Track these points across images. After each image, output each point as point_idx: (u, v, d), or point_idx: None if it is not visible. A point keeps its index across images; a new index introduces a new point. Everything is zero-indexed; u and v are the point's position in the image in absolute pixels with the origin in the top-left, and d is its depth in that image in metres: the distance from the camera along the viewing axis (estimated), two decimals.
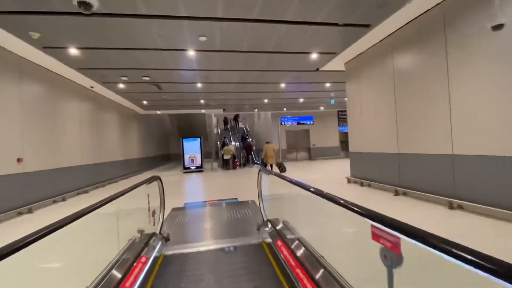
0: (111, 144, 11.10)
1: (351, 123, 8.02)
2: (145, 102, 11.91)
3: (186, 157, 13.80)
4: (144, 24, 4.77)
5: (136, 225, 3.27)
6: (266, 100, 12.71)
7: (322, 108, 16.62)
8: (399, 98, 5.81)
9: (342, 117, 19.02)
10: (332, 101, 13.36)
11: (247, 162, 16.35)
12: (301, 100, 13.06)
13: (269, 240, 3.31)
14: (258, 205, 4.15)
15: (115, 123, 11.77)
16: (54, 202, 7.09)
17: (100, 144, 10.09)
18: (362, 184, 7.13)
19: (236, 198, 6.21)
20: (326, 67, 8.05)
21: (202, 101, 12.27)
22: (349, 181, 7.78)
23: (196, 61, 6.88)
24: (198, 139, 13.88)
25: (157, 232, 3.50)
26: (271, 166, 12.57)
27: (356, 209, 1.43)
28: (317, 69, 8.18)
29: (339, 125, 18.98)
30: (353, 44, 6.43)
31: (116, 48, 5.86)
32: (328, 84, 10.31)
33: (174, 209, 5.37)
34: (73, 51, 5.80)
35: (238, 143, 19.65)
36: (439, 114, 4.76)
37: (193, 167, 13.80)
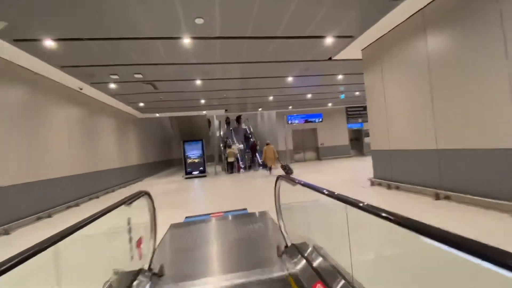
0: (106, 151, 10.27)
1: (373, 118, 7.09)
2: (141, 104, 11.07)
3: (188, 161, 12.93)
4: (124, 2, 3.90)
5: (115, 260, 2.38)
6: (271, 98, 11.82)
7: (330, 104, 15.68)
8: (437, 86, 4.87)
9: (351, 114, 18.10)
10: (343, 96, 12.43)
11: (252, 164, 15.45)
12: (309, 96, 12.15)
13: (296, 273, 2.41)
14: (278, 223, 3.24)
15: (110, 128, 10.95)
16: (39, 219, 6.24)
17: (93, 152, 9.25)
18: (389, 187, 6.18)
19: (246, 209, 5.30)
20: (340, 56, 7.13)
21: (202, 101, 11.41)
22: (372, 183, 6.84)
23: (193, 52, 6.01)
24: (200, 142, 13.01)
25: (146, 267, 2.60)
26: (270, 168, 11.66)
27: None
28: (330, 58, 7.27)
29: (348, 122, 18.05)
30: (373, 26, 5.53)
31: (98, 39, 5.00)
32: (340, 76, 9.38)
33: (172, 226, 4.47)
34: (49, 43, 4.96)
35: (241, 145, 18.77)
36: (500, 100, 3.82)
37: (195, 172, 12.92)
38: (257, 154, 19.39)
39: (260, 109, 15.23)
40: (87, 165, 8.78)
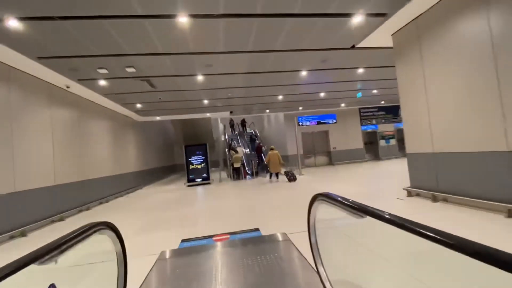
0: (99, 158, 9.30)
1: (409, 115, 5.95)
2: (139, 105, 10.13)
3: (190, 167, 11.89)
4: None
5: None
6: (280, 97, 10.76)
7: (343, 105, 14.54)
8: (506, 72, 3.73)
9: (365, 115, 16.91)
10: (359, 95, 11.30)
11: (259, 170, 14.31)
12: (322, 95, 11.05)
13: None
14: (315, 267, 2.12)
15: (104, 133, 10.01)
16: (12, 237, 5.24)
17: (83, 159, 8.29)
18: (434, 199, 4.99)
19: (258, 230, 4.18)
20: (364, 43, 6.05)
21: (205, 101, 10.42)
22: (409, 193, 5.65)
23: (192, 37, 5.01)
24: (203, 146, 11.99)
25: None
26: (277, 175, 10.98)
27: None
28: (353, 46, 6.19)
29: (361, 124, 16.84)
30: (409, 3, 4.46)
31: (74, 17, 4.03)
32: (360, 70, 8.26)
33: (162, 256, 3.37)
34: (13, 24, 4.00)
35: (247, 150, 17.70)
36: None
37: (198, 179, 11.87)
38: (263, 156, 18.28)
39: (267, 111, 14.18)
40: (76, 174, 7.80)
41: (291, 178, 10.10)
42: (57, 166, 6.99)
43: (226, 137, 20.85)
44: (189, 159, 11.87)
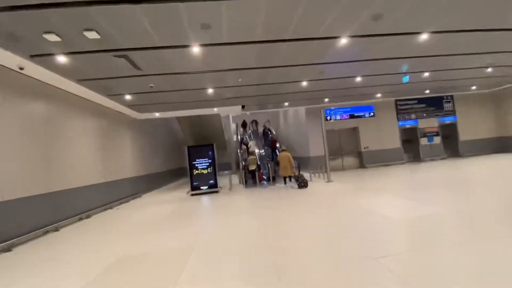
0: (79, 163, 7.47)
1: None
2: (128, 97, 8.23)
3: (195, 172, 9.87)
4: None
5: None
6: (304, 83, 8.47)
7: (379, 95, 11.97)
8: None
9: (402, 109, 14.19)
10: (406, 79, 8.77)
11: (276, 175, 12.05)
12: (358, 79, 8.63)
13: None
14: None
15: (89, 132, 8.20)
16: None
17: (52, 164, 6.44)
18: None
19: None
20: None
21: (210, 91, 8.33)
22: None
23: None
24: (210, 147, 9.94)
25: None
26: (288, 178, 9.90)
27: None
28: None
29: (398, 119, 14.16)
30: None
31: None
32: (424, 36, 5.78)
33: None
34: None
35: (262, 150, 15.50)
36: None
37: (204, 187, 9.81)
38: (277, 151, 15.86)
39: (286, 104, 11.91)
40: (40, 184, 5.96)
41: (302, 184, 8.73)
42: (14, 176, 5.15)
43: (238, 137, 18.80)
44: (193, 163, 9.85)
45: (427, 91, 12.48)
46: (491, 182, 7.22)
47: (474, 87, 12.83)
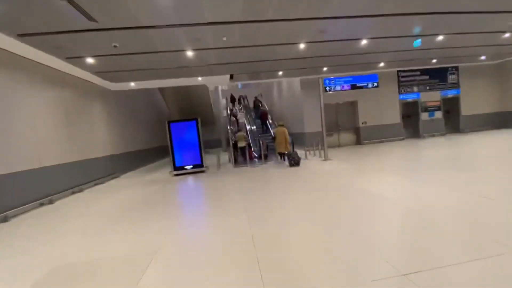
0: (37, 140, 6.28)
1: None
2: (90, 60, 6.86)
3: (177, 150, 8.83)
4: None
5: None
6: (301, 46, 7.22)
7: (382, 64, 10.82)
8: None
9: (404, 81, 13.16)
10: (417, 42, 7.62)
11: (269, 152, 11.19)
12: (364, 42, 7.43)
13: None
14: None
15: (49, 104, 6.90)
16: None
17: (4, 144, 5.27)
18: None
19: None
20: None
21: (189, 54, 7.02)
22: None
23: None
24: (194, 122, 8.81)
25: None
26: (283, 155, 9.16)
27: None
28: None
29: (399, 92, 13.19)
30: None
31: None
32: None
33: None
34: None
35: (253, 127, 14.47)
36: None
37: (188, 166, 8.85)
38: (268, 125, 15.23)
39: (280, 74, 10.67)
40: None
41: (293, 162, 8.15)
42: None
43: (228, 111, 17.58)
44: (176, 139, 8.77)
45: (434, 60, 11.39)
46: (499, 158, 6.50)
47: (483, 57, 11.79)
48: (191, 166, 8.85)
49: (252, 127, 14.29)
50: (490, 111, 13.85)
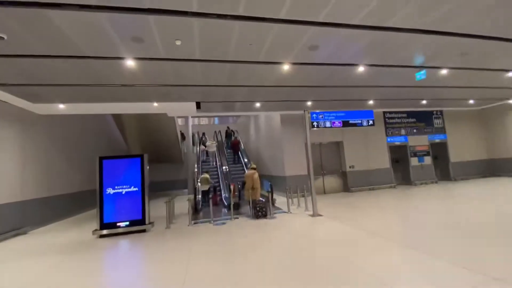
0: None
1: None
2: None
3: (108, 199, 6.22)
4: None
5: None
6: (286, 67, 5.59)
7: (371, 102, 9.63)
8: None
9: (390, 123, 12.16)
10: (420, 75, 6.39)
11: (242, 197, 9.00)
12: (361, 69, 6.02)
13: None
14: None
15: None
16: None
17: None
18: None
19: None
20: None
21: (130, 64, 5.01)
22: None
23: None
24: (138, 159, 6.43)
25: None
26: (253, 204, 7.05)
27: None
28: None
29: (387, 135, 12.06)
30: None
31: None
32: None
33: None
34: None
35: (224, 167, 12.30)
36: None
37: (123, 223, 6.17)
38: (240, 155, 14.11)
39: (258, 105, 8.97)
40: None
41: (260, 213, 6.81)
42: None
43: (196, 148, 15.41)
44: (108, 184, 6.22)
45: (424, 102, 10.53)
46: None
47: (472, 101, 11.25)
48: (127, 223, 6.20)
49: (224, 168, 12.06)
50: (478, 158, 13.10)
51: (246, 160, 13.68)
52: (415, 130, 12.47)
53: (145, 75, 5.58)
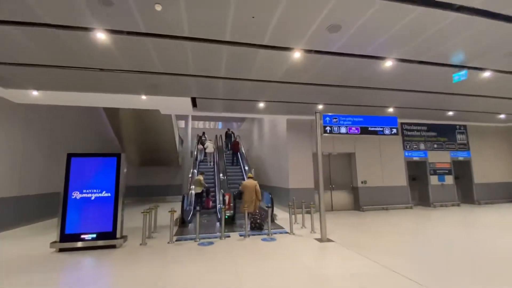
0: None
1: None
2: None
3: (72, 204, 5.14)
4: None
5: None
6: (297, 54, 4.54)
7: (391, 110, 8.48)
8: None
9: (410, 135, 10.96)
10: (460, 76, 5.27)
11: (236, 210, 7.90)
12: (389, 64, 4.94)
13: None
14: None
15: None
16: None
17: None
18: None
19: None
20: None
21: (102, 38, 4.02)
22: None
23: None
24: (114, 159, 5.38)
25: None
26: (254, 219, 6.50)
27: None
28: None
29: (404, 148, 10.83)
30: None
31: None
32: None
33: None
34: None
35: (220, 174, 11.21)
36: None
37: (88, 235, 5.06)
38: (240, 158, 13.68)
39: (261, 106, 7.90)
40: None
41: (253, 224, 6.40)
42: None
43: (194, 152, 14.43)
44: (74, 187, 5.17)
45: (451, 113, 9.32)
46: None
47: (502, 116, 10.00)
48: (94, 236, 5.08)
49: (220, 175, 10.93)
50: (506, 180, 11.72)
51: (246, 167, 12.57)
52: (435, 145, 11.22)
53: (124, 56, 4.59)
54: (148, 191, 15.39)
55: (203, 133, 15.84)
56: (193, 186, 9.43)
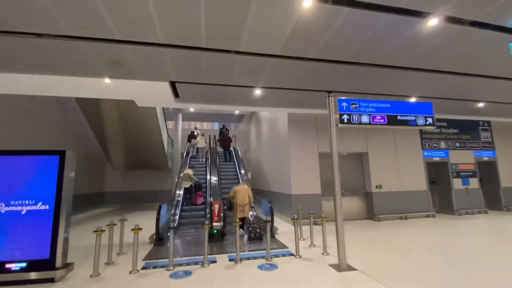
0: None
1: None
2: None
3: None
4: None
5: None
6: (307, 3, 3.19)
7: (413, 99, 7.11)
8: None
9: (429, 132, 9.60)
10: None
11: (226, 225, 6.55)
12: (432, 24, 3.58)
13: None
14: None
15: None
16: None
17: None
18: None
19: None
20: None
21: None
22: None
23: None
24: (56, 157, 3.97)
25: None
26: (242, 224, 6.16)
27: None
28: None
29: (423, 147, 9.46)
30: None
31: None
32: None
33: None
34: None
35: (213, 177, 9.81)
36: None
37: (16, 266, 3.62)
38: (232, 152, 12.81)
39: (258, 93, 6.49)
40: None
41: (253, 234, 5.81)
42: None
43: (185, 153, 13.10)
44: None
45: (481, 104, 7.95)
46: None
47: None
48: (24, 265, 3.64)
49: (212, 177, 9.50)
50: None
51: (243, 171, 11.16)
52: (457, 144, 9.86)
53: (61, 12, 3.20)
54: (133, 197, 13.91)
55: (195, 128, 14.51)
56: (181, 181, 8.48)
